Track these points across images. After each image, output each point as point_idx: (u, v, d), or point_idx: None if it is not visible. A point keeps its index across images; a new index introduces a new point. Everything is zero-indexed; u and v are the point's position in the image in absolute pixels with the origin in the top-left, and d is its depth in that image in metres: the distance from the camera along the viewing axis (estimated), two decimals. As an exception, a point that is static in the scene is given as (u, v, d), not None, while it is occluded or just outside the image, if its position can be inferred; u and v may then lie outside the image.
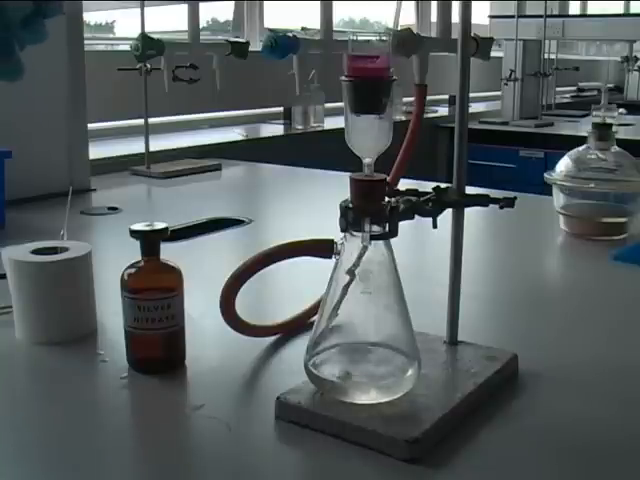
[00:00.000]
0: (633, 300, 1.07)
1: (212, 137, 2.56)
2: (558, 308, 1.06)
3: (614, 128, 1.37)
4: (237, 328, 0.83)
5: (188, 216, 1.50)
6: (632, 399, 0.76)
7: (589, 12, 5.67)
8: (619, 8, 5.26)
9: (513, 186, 1.51)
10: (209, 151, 2.31)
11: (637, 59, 4.64)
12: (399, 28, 0.91)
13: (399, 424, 0.66)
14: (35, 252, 0.88)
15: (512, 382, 0.78)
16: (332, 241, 0.73)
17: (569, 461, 0.65)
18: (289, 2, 3.49)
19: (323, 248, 0.74)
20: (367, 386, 0.69)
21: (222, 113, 2.91)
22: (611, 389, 0.78)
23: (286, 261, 0.81)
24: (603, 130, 1.36)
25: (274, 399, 0.70)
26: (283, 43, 2.16)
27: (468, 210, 0.79)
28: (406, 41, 0.94)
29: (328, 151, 1.85)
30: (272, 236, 1.46)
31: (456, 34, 0.79)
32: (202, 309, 0.92)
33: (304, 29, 2.74)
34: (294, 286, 1.06)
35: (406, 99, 3.13)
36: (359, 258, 0.69)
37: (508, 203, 0.76)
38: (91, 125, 1.86)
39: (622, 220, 1.35)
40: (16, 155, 1.45)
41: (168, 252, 0.82)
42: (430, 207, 0.74)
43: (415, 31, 0.96)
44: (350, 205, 0.68)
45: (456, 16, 0.80)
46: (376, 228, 0.68)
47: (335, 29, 3.23)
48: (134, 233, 0.79)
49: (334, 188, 0.93)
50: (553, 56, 4.15)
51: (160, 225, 0.80)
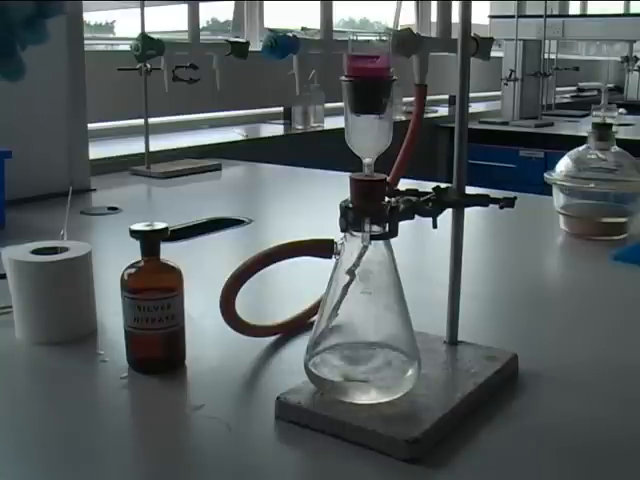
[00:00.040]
0: (633, 300, 1.07)
1: (212, 137, 2.56)
2: (558, 308, 1.06)
3: (614, 128, 1.37)
4: (237, 328, 0.83)
5: (188, 216, 1.50)
6: (632, 399, 0.76)
7: (589, 12, 5.67)
8: (619, 8, 5.26)
9: (513, 186, 1.51)
10: (209, 151, 2.31)
11: (637, 59, 4.64)
12: (399, 28, 0.91)
13: (399, 424, 0.66)
14: (35, 252, 0.88)
15: (512, 382, 0.78)
16: (332, 241, 0.73)
17: (569, 461, 0.65)
18: (289, 2, 3.49)
19: (323, 248, 0.74)
20: (367, 386, 0.69)
21: (222, 113, 2.91)
22: (611, 389, 0.78)
23: (286, 261, 0.81)
24: (603, 130, 1.36)
25: (274, 399, 0.70)
26: (283, 43, 2.16)
27: (468, 210, 0.79)
28: (406, 41, 0.94)
29: (328, 151, 1.85)
30: (272, 236, 1.46)
31: (456, 34, 0.79)
32: (202, 309, 0.92)
33: (304, 29, 2.74)
34: (294, 286, 1.06)
35: (406, 99, 3.13)
36: (359, 258, 0.69)
37: (508, 203, 0.76)
38: (91, 125, 1.86)
39: (622, 220, 1.35)
40: (16, 155, 1.45)
41: (168, 252, 0.82)
42: (430, 207, 0.74)
43: (415, 31, 0.96)
44: (350, 205, 0.68)
45: (456, 16, 0.80)
46: (376, 228, 0.68)
47: (335, 29, 3.23)
48: (134, 233, 0.79)
49: (334, 188, 0.93)
50: (553, 56, 4.15)
51: (160, 225, 0.80)
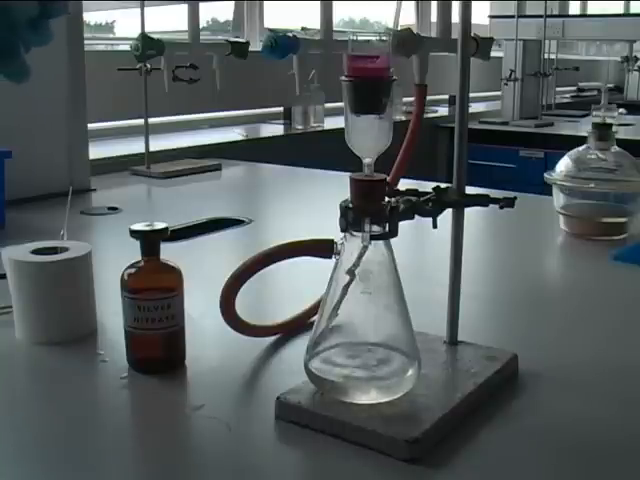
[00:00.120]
0: (633, 300, 1.07)
1: (212, 137, 2.56)
2: (558, 308, 1.06)
3: (614, 128, 1.37)
4: (237, 328, 0.83)
5: (188, 216, 1.50)
6: (632, 399, 0.76)
7: (589, 12, 5.67)
8: (619, 8, 5.26)
9: (513, 186, 1.51)
10: (209, 151, 2.31)
11: (637, 59, 4.64)
12: (399, 28, 0.91)
13: (399, 424, 0.66)
14: (35, 252, 0.88)
15: (512, 382, 0.78)
16: (332, 241, 0.73)
17: (569, 461, 0.65)
18: (289, 2, 3.49)
19: (323, 248, 0.74)
20: (367, 386, 0.69)
21: (222, 113, 2.91)
22: (611, 389, 0.78)
23: (286, 261, 0.81)
24: (603, 130, 1.36)
25: (274, 399, 0.70)
26: (283, 43, 2.16)
27: (468, 210, 0.79)
28: (406, 41, 0.94)
29: (328, 151, 1.85)
30: (272, 236, 1.46)
31: (456, 34, 0.79)
32: (202, 309, 0.92)
33: (304, 29, 2.74)
34: (294, 286, 1.06)
35: (406, 99, 3.13)
36: (359, 258, 0.69)
37: (508, 203, 0.76)
38: (91, 125, 1.86)
39: (622, 220, 1.35)
40: (16, 155, 1.45)
41: (168, 252, 0.82)
42: (430, 207, 0.74)
43: (415, 31, 0.96)
44: (350, 205, 0.68)
45: (456, 16, 0.80)
46: (376, 228, 0.68)
47: (335, 29, 3.23)
48: (134, 233, 0.79)
49: (334, 188, 0.93)
50: (553, 56, 4.15)
51: (160, 225, 0.80)
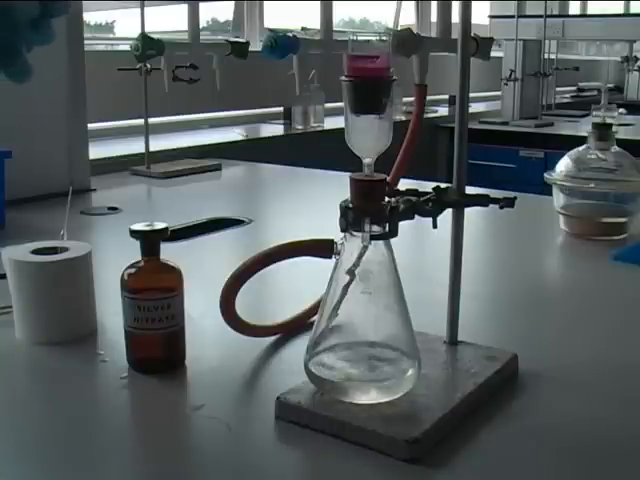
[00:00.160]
0: (633, 300, 1.07)
1: (212, 137, 2.56)
2: (558, 308, 1.06)
3: (614, 128, 1.37)
4: (237, 328, 0.83)
5: (188, 216, 1.50)
6: (632, 399, 0.76)
7: (589, 12, 5.67)
8: (619, 8, 5.26)
9: (513, 186, 1.51)
10: (209, 151, 2.31)
11: (637, 59, 4.64)
12: (399, 28, 0.91)
13: (399, 424, 0.66)
14: (35, 252, 0.88)
15: (512, 382, 0.78)
16: (332, 241, 0.73)
17: (569, 461, 0.65)
18: (289, 2, 3.49)
19: (323, 248, 0.74)
20: (367, 386, 0.69)
21: (222, 113, 2.91)
22: (611, 389, 0.78)
23: (286, 261, 0.81)
24: (603, 130, 1.36)
25: (274, 399, 0.70)
26: (283, 43, 2.16)
27: (468, 210, 0.79)
28: (406, 41, 0.94)
29: (328, 151, 1.85)
30: (272, 236, 1.46)
31: (456, 34, 0.79)
32: (202, 309, 0.92)
33: (304, 29, 2.74)
34: (294, 286, 1.06)
35: (406, 99, 3.13)
36: (359, 258, 0.69)
37: (508, 203, 0.76)
38: (91, 125, 1.86)
39: (622, 220, 1.35)
40: (16, 155, 1.45)
41: (168, 252, 0.82)
42: (430, 207, 0.74)
43: (415, 31, 0.96)
44: (350, 205, 0.68)
45: (456, 16, 0.80)
46: (376, 228, 0.68)
47: (335, 29, 3.23)
48: (134, 233, 0.79)
49: (334, 188, 0.93)
50: (553, 56, 4.15)
51: (160, 225, 0.80)
